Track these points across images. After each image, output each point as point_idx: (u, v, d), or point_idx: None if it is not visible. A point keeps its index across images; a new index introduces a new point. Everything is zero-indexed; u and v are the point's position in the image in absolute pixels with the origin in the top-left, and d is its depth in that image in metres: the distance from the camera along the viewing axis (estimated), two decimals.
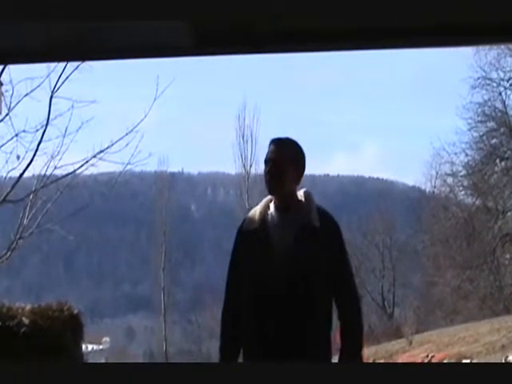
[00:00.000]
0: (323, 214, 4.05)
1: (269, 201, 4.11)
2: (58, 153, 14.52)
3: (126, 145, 14.96)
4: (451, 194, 33.57)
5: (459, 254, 31.03)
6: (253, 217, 4.09)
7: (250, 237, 4.04)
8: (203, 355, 40.92)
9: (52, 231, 15.02)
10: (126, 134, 14.98)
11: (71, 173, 14.80)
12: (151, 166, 43.94)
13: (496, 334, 23.03)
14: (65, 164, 14.63)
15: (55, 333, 9.32)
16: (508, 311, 29.59)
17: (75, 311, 9.91)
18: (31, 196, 14.54)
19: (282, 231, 3.99)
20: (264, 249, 3.98)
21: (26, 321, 9.27)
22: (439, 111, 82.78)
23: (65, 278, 58.66)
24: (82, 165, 14.74)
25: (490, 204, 30.51)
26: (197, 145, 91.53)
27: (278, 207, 4.06)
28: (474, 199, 31.31)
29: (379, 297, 46.17)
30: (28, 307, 9.64)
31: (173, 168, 52.56)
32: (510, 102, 29.70)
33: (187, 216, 64.48)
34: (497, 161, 30.16)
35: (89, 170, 15.08)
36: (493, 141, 30.17)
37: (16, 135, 13.98)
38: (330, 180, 77.34)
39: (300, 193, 4.12)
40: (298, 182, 4.10)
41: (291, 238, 3.96)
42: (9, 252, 14.12)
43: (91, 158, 14.73)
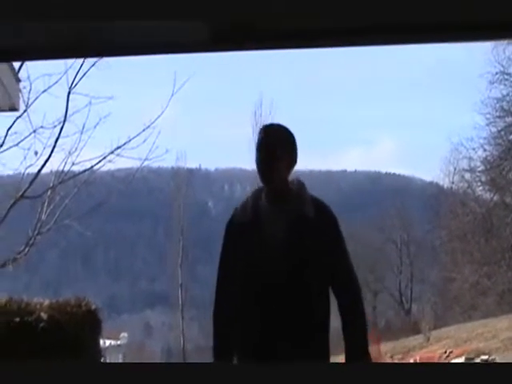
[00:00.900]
0: (317, 205, 3.91)
1: (259, 191, 3.96)
2: (76, 149, 14.57)
3: (144, 141, 15.01)
4: (469, 190, 33.37)
5: (477, 250, 30.83)
6: (244, 208, 3.94)
7: (243, 229, 3.88)
8: None
9: (70, 227, 15.03)
10: (144, 130, 15.04)
11: (89, 169, 14.85)
12: (168, 162, 43.99)
13: None
14: (82, 160, 14.67)
15: (73, 328, 9.33)
16: None
17: (93, 307, 9.91)
18: (49, 192, 14.56)
19: (276, 223, 3.84)
20: (257, 241, 3.83)
21: (45, 316, 9.29)
22: (457, 106, 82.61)
23: (83, 274, 58.93)
24: (100, 161, 14.79)
25: (508, 200, 30.30)
26: (214, 141, 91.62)
27: (271, 198, 3.90)
28: (492, 195, 31.07)
29: (397, 293, 46.12)
30: (46, 303, 9.66)
31: (190, 164, 52.69)
32: None
33: (204, 212, 64.61)
34: None
35: (106, 166, 15.11)
36: (511, 136, 29.95)
37: (34, 131, 14.01)
38: (347, 176, 77.27)
39: (292, 182, 3.97)
40: (291, 170, 3.94)
41: (285, 230, 3.82)
42: (27, 248, 14.16)
43: (109, 154, 14.78)
